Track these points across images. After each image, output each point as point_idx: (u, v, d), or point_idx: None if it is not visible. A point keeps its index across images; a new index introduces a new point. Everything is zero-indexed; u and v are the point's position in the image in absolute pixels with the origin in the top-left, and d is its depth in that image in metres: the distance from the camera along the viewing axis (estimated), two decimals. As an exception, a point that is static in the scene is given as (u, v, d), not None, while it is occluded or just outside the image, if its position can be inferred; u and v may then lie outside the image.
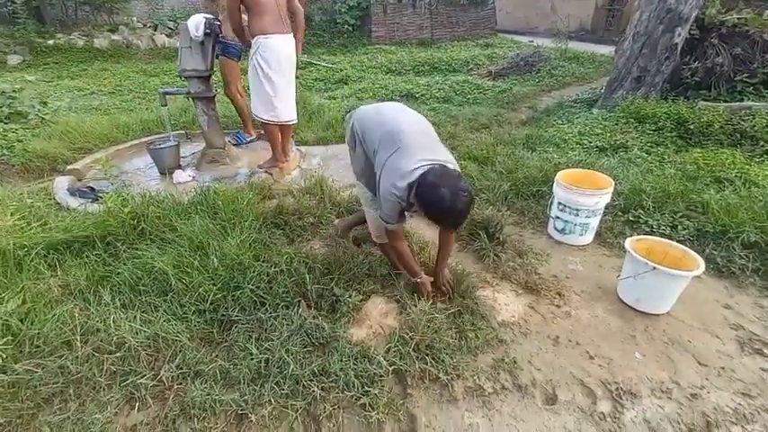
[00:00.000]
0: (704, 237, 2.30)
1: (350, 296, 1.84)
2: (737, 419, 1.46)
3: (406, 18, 12.47)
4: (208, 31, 3.07)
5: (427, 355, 1.61)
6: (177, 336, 1.61)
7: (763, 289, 2.05)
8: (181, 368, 1.54)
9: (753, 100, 4.14)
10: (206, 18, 3.05)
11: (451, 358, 1.61)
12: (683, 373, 1.63)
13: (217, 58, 3.52)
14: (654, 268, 1.79)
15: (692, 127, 3.69)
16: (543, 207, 2.66)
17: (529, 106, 5.65)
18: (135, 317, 1.65)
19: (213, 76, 3.38)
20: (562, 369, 1.64)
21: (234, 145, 3.98)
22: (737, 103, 4.04)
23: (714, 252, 2.19)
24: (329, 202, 2.70)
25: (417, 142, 1.65)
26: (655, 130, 3.81)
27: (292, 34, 3.08)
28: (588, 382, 1.59)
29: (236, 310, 1.75)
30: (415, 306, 1.78)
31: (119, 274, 1.86)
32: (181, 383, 1.52)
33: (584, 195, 2.29)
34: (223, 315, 1.74)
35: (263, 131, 4.32)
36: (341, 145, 4.10)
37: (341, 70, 8.55)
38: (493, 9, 13.08)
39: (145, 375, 1.52)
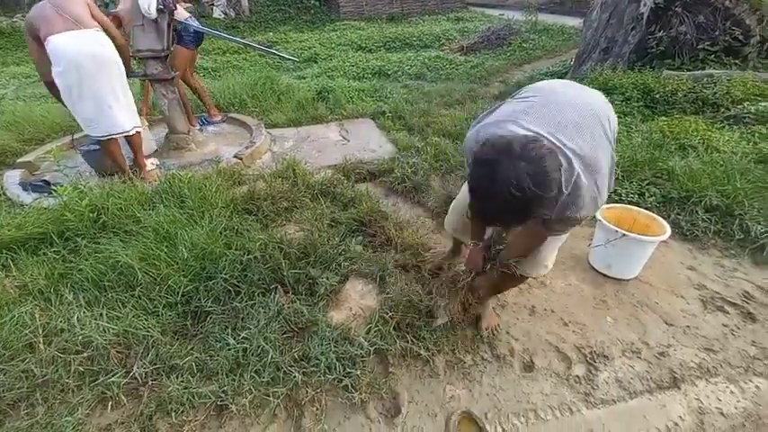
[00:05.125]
0: (670, 203, 2.38)
1: (327, 278, 1.81)
2: (702, 373, 1.55)
3: (387, -7, 12.09)
4: (161, 7, 2.85)
5: (408, 333, 1.62)
6: (148, 331, 1.55)
7: (723, 249, 2.15)
8: (155, 364, 1.49)
9: (714, 68, 4.26)
10: (158, -7, 2.83)
11: (432, 335, 1.63)
12: (652, 333, 1.70)
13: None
14: (623, 235, 1.84)
15: (657, 96, 3.77)
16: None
17: (501, 81, 5.64)
18: (101, 314, 1.57)
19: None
20: (538, 337, 1.69)
21: (199, 129, 3.80)
22: (700, 72, 4.15)
23: (679, 217, 2.28)
24: (303, 185, 2.62)
25: (550, 111, 1.12)
26: (622, 101, 3.87)
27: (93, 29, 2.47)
28: (563, 348, 1.64)
29: (210, 301, 1.70)
30: (394, 286, 1.77)
31: (80, 270, 1.76)
32: (156, 379, 1.47)
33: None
34: (196, 306, 1.68)
35: (227, 114, 4.16)
36: (313, 126, 3.99)
37: (309, 48, 8.26)
38: (463, -19, 12.85)
39: (116, 374, 1.46)
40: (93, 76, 2.47)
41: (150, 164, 3.06)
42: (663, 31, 4.65)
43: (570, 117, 1.11)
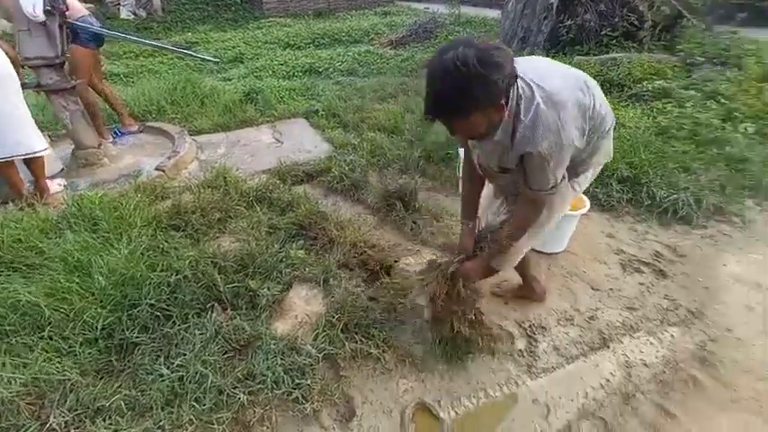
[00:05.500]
0: (588, 178, 2.58)
1: (268, 289, 1.73)
2: (626, 330, 1.70)
3: (308, -12, 11.77)
4: (48, 8, 2.52)
5: (356, 333, 1.60)
6: (64, 374, 1.37)
7: (635, 215, 2.38)
8: (75, 410, 1.32)
9: (616, 51, 4.69)
10: (43, -8, 2.50)
11: (381, 332, 1.62)
12: (581, 300, 1.84)
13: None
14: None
15: (571, 80, 4.07)
16: (453, 169, 2.75)
17: (431, 72, 5.76)
18: (3, 363, 1.37)
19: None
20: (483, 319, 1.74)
21: (112, 142, 3.45)
22: (605, 56, 4.54)
23: (596, 190, 2.47)
24: (236, 193, 2.48)
25: (521, 60, 1.16)
26: (541, 86, 4.13)
27: None
28: (506, 326, 1.71)
29: (136, 331, 1.54)
30: (339, 287, 1.74)
31: (-29, 317, 1.51)
32: (78, 427, 1.30)
33: (486, 153, 2.40)
34: (121, 339, 1.52)
35: (144, 123, 3.82)
36: (243, 129, 3.80)
37: (233, 47, 7.85)
38: (387, -25, 12.91)
39: (29, 428, 1.28)
40: None
41: (57, 185, 2.72)
42: (571, 20, 5.02)
43: (540, 64, 1.23)
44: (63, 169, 3.06)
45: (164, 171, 2.91)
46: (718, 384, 1.46)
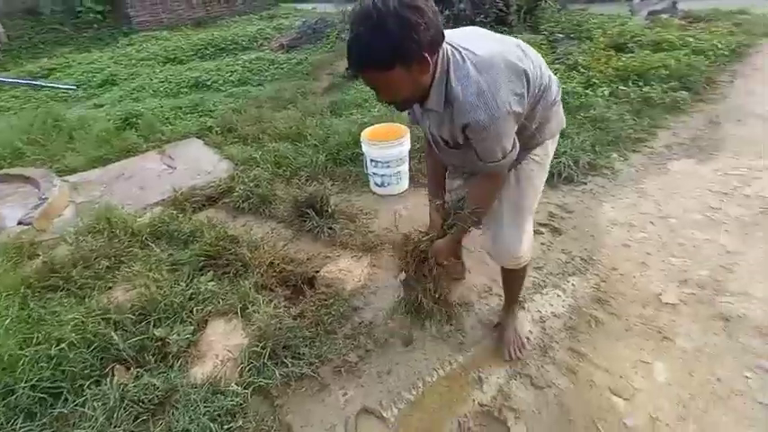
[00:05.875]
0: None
1: (178, 334, 1.56)
2: (536, 289, 1.86)
3: (171, -3, 10.83)
4: None
5: (285, 356, 1.52)
6: None
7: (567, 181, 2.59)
8: None
9: (491, 36, 5.11)
10: None
11: (311, 348, 1.56)
12: (495, 271, 1.94)
13: None
14: (455, 195, 2.05)
15: (456, 66, 4.33)
16: (361, 168, 2.75)
17: (329, 73, 5.71)
18: None
19: None
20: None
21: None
22: (482, 41, 4.92)
23: (494, 166, 2.67)
24: (125, 234, 2.20)
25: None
26: (432, 75, 4.33)
27: None
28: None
29: (18, 421, 1.29)
30: (259, 313, 1.63)
31: None
32: None
33: (387, 147, 2.44)
34: (-3, 437, 1.26)
35: None
36: (125, 160, 3.38)
37: (103, 69, 6.98)
38: (266, -22, 12.48)
39: None
40: None
41: None
42: (447, 10, 5.33)
43: (469, 30, 1.17)
44: None
45: (30, 224, 2.47)
46: (613, 318, 1.67)
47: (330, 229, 2.24)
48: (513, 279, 1.54)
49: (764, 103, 3.29)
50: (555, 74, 3.81)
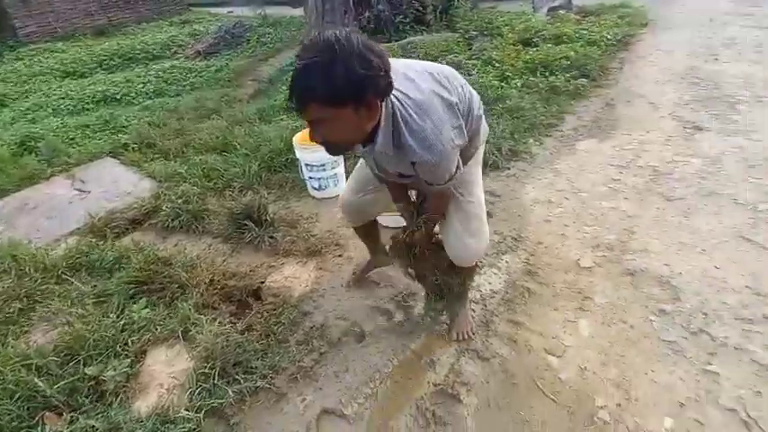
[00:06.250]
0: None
1: (114, 369, 1.45)
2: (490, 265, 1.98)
3: (62, 4, 9.72)
4: None
5: (237, 373, 1.48)
6: None
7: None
8: None
9: (411, 35, 5.29)
10: None
11: (263, 360, 1.53)
12: (437, 259, 2.08)
13: None
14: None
15: (382, 66, 4.44)
16: (297, 174, 2.73)
17: (253, 79, 5.53)
18: None
19: None
20: (360, 307, 1.82)
21: None
22: (403, 41, 5.08)
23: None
24: (36, 271, 1.98)
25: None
26: (359, 76, 4.39)
27: None
28: (382, 305, 1.82)
29: None
30: (201, 334, 1.56)
31: None
32: None
33: (321, 150, 2.44)
34: None
35: None
36: (27, 189, 3.01)
37: (-15, 89, 6.11)
38: (173, -18, 11.69)
39: None
40: None
41: None
42: (368, 12, 5.43)
43: (397, 66, 1.05)
44: None
45: None
46: (543, 287, 1.85)
47: (271, 237, 2.20)
48: (467, 275, 1.60)
49: (648, 86, 3.80)
50: (473, 69, 4.03)
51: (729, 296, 1.69)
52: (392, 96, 1.00)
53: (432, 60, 4.39)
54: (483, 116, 1.35)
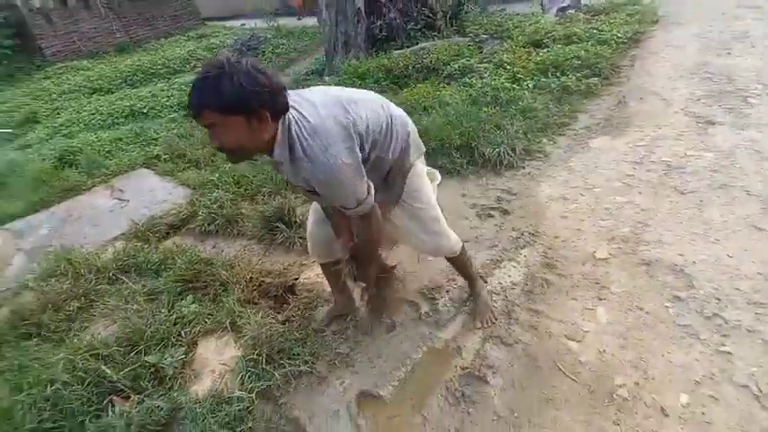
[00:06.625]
0: (434, 152, 3.00)
1: (171, 357, 1.61)
2: (495, 265, 2.10)
3: (86, 23, 10.23)
4: None
5: (281, 359, 1.62)
6: None
7: (475, 173, 2.89)
8: None
9: (423, 41, 5.44)
10: None
11: (303, 347, 1.68)
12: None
13: None
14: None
15: (396, 73, 4.59)
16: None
17: (270, 89, 5.74)
18: None
19: None
20: (390, 300, 1.95)
21: None
22: (415, 47, 5.23)
23: (443, 160, 2.92)
24: (90, 273, 2.17)
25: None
26: (374, 83, 4.55)
27: None
28: (409, 297, 1.95)
29: (21, 468, 1.28)
30: (249, 324, 1.72)
31: None
32: None
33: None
34: (0, 487, 1.25)
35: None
36: (70, 200, 3.24)
37: (20, 107, 6.48)
38: (189, -2, 12.15)
39: None
40: None
41: None
42: (380, 20, 5.60)
43: (307, 95, 1.24)
44: None
45: (-23, 278, 2.34)
46: (561, 278, 1.95)
47: (301, 238, 2.35)
48: (458, 263, 1.77)
49: (660, 82, 3.86)
50: (484, 72, 4.13)
51: (742, 282, 1.76)
52: (291, 115, 1.14)
53: (444, 65, 4.56)
54: (411, 134, 1.43)
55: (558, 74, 4.04)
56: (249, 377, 1.55)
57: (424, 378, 1.60)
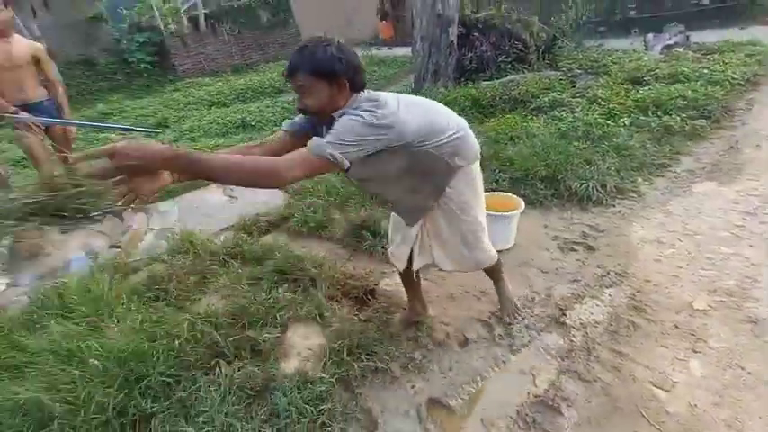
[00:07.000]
0: (516, 182, 3.04)
1: (268, 333, 1.84)
2: (575, 300, 2.06)
3: (211, 47, 11.94)
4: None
5: (360, 353, 1.76)
6: (85, 462, 1.36)
7: (560, 206, 2.86)
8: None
9: (512, 74, 5.51)
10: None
11: (380, 346, 1.80)
12: (536, 283, 2.19)
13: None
14: (495, 216, 2.32)
15: (483, 103, 4.71)
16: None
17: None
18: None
19: None
20: (463, 316, 2.01)
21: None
22: (505, 78, 5.31)
23: (526, 191, 2.93)
24: (206, 254, 2.54)
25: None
26: (460, 111, 4.66)
27: None
28: (483, 317, 1.99)
29: (149, 402, 1.56)
30: (334, 317, 1.90)
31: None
32: None
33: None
34: (134, 414, 1.53)
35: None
36: (192, 193, 3.81)
37: (155, 113, 7.73)
38: (296, 27, 13.59)
39: None
40: None
41: (3, 285, 2.55)
42: (471, 53, 5.81)
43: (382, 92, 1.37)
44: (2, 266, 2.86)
45: (119, 247, 2.86)
46: (650, 322, 1.85)
47: (383, 248, 2.51)
48: (491, 273, 1.91)
49: (782, 129, 3.48)
50: (576, 107, 4.10)
51: None
52: (362, 94, 1.31)
53: (533, 98, 4.57)
54: (464, 139, 1.48)
55: (659, 113, 3.84)
56: (331, 364, 1.71)
57: (494, 398, 1.62)
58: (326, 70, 1.24)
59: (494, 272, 1.90)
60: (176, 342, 1.73)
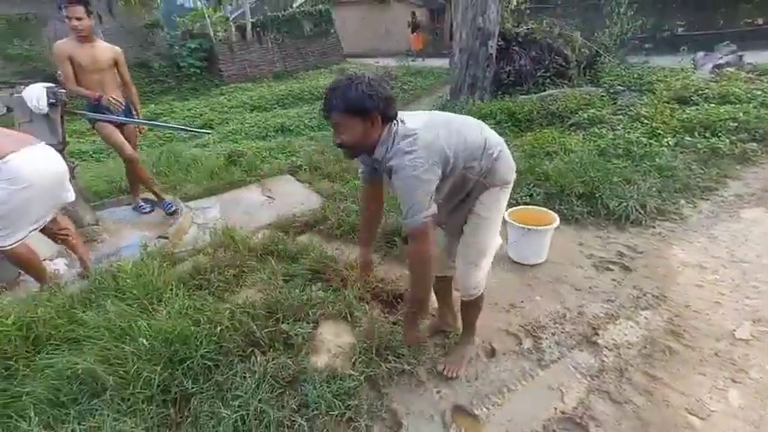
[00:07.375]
0: (552, 197, 3.01)
1: (300, 328, 1.92)
2: (609, 319, 2.02)
3: (255, 54, 12.51)
4: (53, 101, 2.74)
5: (388, 354, 1.81)
6: (132, 432, 1.48)
7: (596, 224, 2.81)
8: (148, 463, 1.42)
9: (551, 88, 5.45)
10: (47, 87, 2.73)
11: (408, 350, 1.84)
12: (568, 300, 2.16)
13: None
14: (529, 230, 2.32)
15: (519, 117, 4.69)
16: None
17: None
18: (73, 430, 1.45)
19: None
20: (492, 327, 2.01)
21: (146, 212, 3.59)
22: (543, 93, 5.27)
23: (561, 206, 2.90)
24: (245, 250, 2.68)
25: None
26: (496, 124, 4.70)
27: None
28: (512, 330, 1.99)
29: (190, 382, 1.67)
30: (364, 317, 1.96)
31: (29, 393, 1.59)
32: (153, 478, 1.40)
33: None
34: (176, 392, 1.65)
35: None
36: (233, 191, 4.01)
37: (201, 115, 8.17)
38: (337, 37, 14.02)
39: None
40: None
41: (64, 266, 2.79)
42: (509, 66, 5.80)
43: (419, 114, 1.48)
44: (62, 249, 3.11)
45: (167, 238, 3.06)
46: (688, 348, 1.79)
47: (414, 255, 2.56)
48: (467, 309, 1.79)
49: None
50: (618, 125, 4.03)
51: None
52: (396, 122, 1.38)
53: (571, 113, 4.51)
54: (502, 160, 1.51)
55: (706, 134, 3.70)
56: (360, 362, 1.77)
57: (520, 411, 1.62)
58: (358, 108, 1.31)
59: (471, 313, 1.80)
60: (217, 329, 1.84)
